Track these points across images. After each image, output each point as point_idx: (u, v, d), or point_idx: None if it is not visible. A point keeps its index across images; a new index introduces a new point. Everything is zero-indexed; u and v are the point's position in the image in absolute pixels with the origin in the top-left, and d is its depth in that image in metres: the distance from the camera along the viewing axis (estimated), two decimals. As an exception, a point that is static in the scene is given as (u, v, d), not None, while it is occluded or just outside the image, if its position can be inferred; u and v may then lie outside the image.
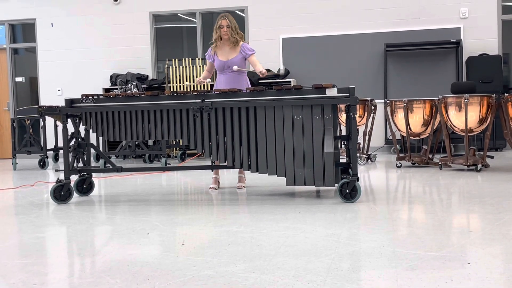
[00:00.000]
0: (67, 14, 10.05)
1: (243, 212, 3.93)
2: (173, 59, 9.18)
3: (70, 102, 4.65)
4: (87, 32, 10.01)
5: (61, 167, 8.36)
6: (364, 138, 7.39)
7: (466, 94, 5.96)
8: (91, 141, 6.45)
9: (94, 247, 2.98)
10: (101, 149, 9.00)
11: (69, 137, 4.72)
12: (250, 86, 5.13)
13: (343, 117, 7.26)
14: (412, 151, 8.07)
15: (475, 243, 2.77)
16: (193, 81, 5.85)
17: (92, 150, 9.37)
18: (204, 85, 7.13)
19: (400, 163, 6.67)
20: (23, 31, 10.50)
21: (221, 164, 4.67)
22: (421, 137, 6.69)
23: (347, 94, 4.23)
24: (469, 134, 6.10)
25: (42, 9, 10.15)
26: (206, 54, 5.29)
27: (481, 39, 8.82)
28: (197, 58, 9.12)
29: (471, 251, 2.62)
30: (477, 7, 8.81)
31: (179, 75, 9.01)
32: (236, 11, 9.56)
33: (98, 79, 9.96)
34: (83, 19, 10.00)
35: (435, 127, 6.61)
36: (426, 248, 2.70)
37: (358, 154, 7.16)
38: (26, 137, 8.32)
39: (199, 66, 8.88)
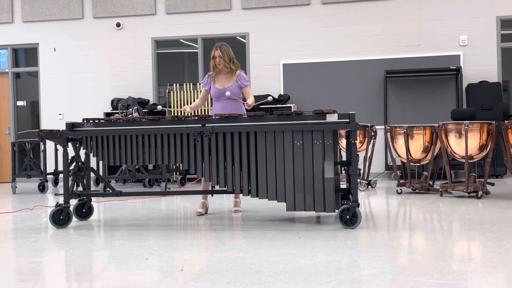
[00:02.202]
0: (69, 39, 10.13)
1: (242, 237, 3.90)
2: (174, 84, 9.23)
3: (71, 126, 4.66)
4: (89, 57, 10.08)
5: (61, 191, 8.33)
6: (365, 164, 7.39)
7: (466, 121, 5.97)
8: (91, 165, 6.45)
9: (92, 272, 2.96)
10: (101, 173, 8.98)
11: (69, 161, 4.72)
12: (245, 113, 5.15)
13: (343, 142, 7.26)
14: (412, 177, 8.05)
15: (476, 271, 2.74)
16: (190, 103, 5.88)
17: (92, 174, 9.36)
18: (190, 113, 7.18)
19: (400, 189, 6.65)
20: (25, 56, 10.58)
21: (221, 188, 4.66)
22: (422, 163, 6.69)
23: (348, 120, 4.24)
24: (469, 161, 6.09)
25: (45, 34, 10.23)
26: (202, 82, 5.34)
27: (480, 66, 8.87)
28: (198, 83, 9.17)
29: (472, 279, 2.60)
30: (477, 35, 8.88)
31: (180, 100, 9.05)
32: (237, 37, 9.64)
33: (99, 103, 10.00)
34: (86, 44, 10.08)
35: (435, 153, 6.61)
36: (427, 275, 2.68)
37: (358, 180, 7.14)
38: (26, 161, 8.32)
39: (200, 91, 8.92)
